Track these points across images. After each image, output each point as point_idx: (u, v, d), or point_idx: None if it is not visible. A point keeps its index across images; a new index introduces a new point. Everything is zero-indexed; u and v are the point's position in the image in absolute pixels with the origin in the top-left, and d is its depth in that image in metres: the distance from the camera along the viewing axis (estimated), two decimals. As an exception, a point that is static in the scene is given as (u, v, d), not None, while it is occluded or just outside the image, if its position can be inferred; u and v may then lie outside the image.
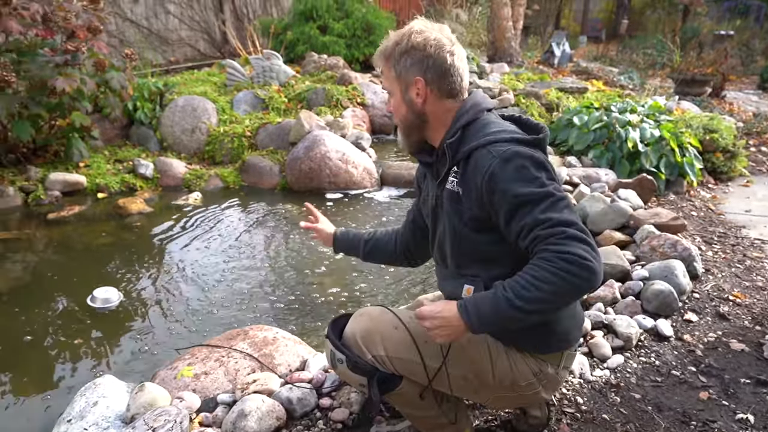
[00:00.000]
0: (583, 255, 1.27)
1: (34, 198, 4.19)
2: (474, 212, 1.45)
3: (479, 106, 1.52)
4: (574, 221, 1.33)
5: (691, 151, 4.47)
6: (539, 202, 1.34)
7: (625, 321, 2.37)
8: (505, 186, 1.36)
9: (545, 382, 1.57)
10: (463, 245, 1.51)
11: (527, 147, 1.41)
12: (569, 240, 1.29)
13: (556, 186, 1.39)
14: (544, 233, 1.32)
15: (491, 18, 9.59)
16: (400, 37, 1.51)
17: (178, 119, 5.33)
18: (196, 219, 3.99)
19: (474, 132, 1.48)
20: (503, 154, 1.38)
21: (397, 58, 1.51)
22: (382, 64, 1.57)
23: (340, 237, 2.02)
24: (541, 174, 1.37)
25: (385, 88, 1.61)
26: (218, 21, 9.61)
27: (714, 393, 2.06)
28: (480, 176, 1.39)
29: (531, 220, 1.33)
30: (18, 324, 2.67)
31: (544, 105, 6.14)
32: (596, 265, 1.28)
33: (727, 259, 3.15)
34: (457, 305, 1.37)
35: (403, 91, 1.53)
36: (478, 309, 1.34)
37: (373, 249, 1.98)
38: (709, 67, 8.22)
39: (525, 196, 1.34)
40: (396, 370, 1.50)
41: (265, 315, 2.78)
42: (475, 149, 1.43)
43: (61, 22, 4.25)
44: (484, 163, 1.39)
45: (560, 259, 1.27)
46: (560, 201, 1.35)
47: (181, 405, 1.81)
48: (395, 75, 1.53)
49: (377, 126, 6.18)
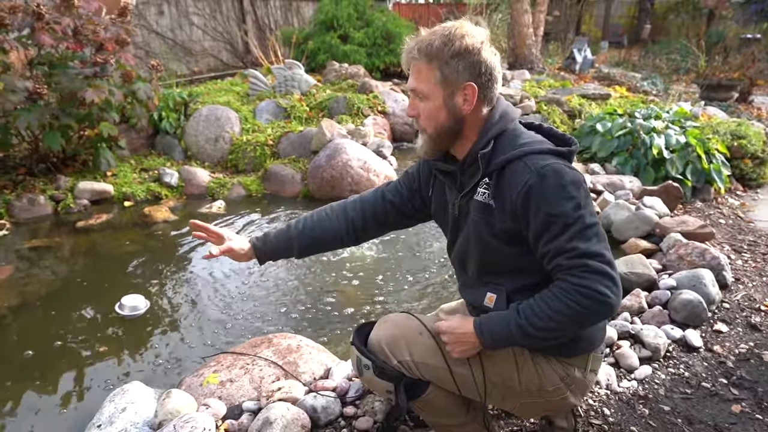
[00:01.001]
0: (602, 291, 1.27)
1: (64, 206, 4.29)
2: (507, 225, 1.42)
3: (508, 115, 1.47)
4: (599, 252, 1.30)
5: (718, 158, 4.39)
6: (569, 227, 1.31)
7: (652, 331, 2.33)
8: (539, 202, 1.33)
9: (573, 386, 1.54)
10: (492, 256, 1.49)
11: (563, 160, 1.39)
12: (590, 274, 1.28)
13: (591, 209, 1.36)
14: (567, 263, 1.31)
15: (511, 25, 9.57)
16: (448, 38, 1.38)
17: (202, 128, 5.41)
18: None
19: (506, 143, 1.43)
20: (541, 169, 1.34)
21: (446, 59, 1.38)
22: (421, 63, 1.41)
23: (260, 246, 1.78)
24: (578, 193, 1.33)
25: (417, 90, 1.45)
26: (241, 31, 9.76)
27: (747, 406, 2.01)
28: (516, 189, 1.36)
29: (556, 246, 1.32)
30: (48, 330, 2.73)
31: (567, 112, 6.09)
32: (614, 301, 1.28)
33: (757, 268, 3.08)
34: (473, 323, 1.42)
35: (447, 95, 1.41)
36: (492, 330, 1.39)
37: (310, 245, 1.77)
38: (735, 71, 8.08)
39: (557, 216, 1.32)
40: (422, 376, 1.50)
41: (288, 322, 2.80)
42: (511, 161, 1.39)
43: (90, 35, 4.35)
44: (522, 176, 1.35)
45: (578, 293, 1.28)
46: (590, 228, 1.32)
47: (207, 412, 1.82)
48: (440, 77, 1.39)
49: (398, 134, 6.20)
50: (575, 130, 5.49)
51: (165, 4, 8.44)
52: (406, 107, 6.23)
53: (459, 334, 1.44)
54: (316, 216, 1.79)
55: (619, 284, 1.30)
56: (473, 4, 11.93)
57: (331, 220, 1.76)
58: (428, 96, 1.43)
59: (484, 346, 1.43)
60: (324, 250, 1.86)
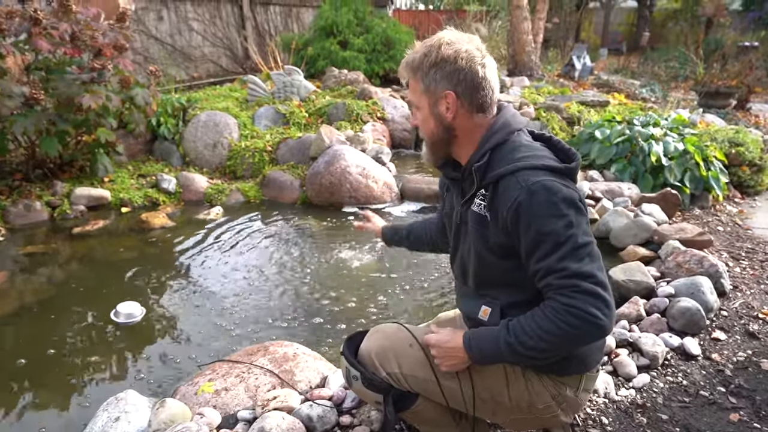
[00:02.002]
0: (592, 312, 1.24)
1: (60, 212, 4.28)
2: (500, 239, 1.40)
3: (509, 126, 1.45)
4: (591, 273, 1.27)
5: (716, 165, 4.39)
6: (560, 246, 1.28)
7: (650, 339, 2.32)
8: (529, 219, 1.31)
9: (564, 405, 1.53)
10: (487, 269, 1.48)
11: (558, 177, 1.35)
12: (581, 294, 1.26)
13: (584, 228, 1.33)
14: (557, 283, 1.29)
15: (511, 32, 9.60)
16: (428, 49, 1.42)
17: (200, 134, 5.41)
18: (217, 233, 4.03)
19: (503, 155, 1.41)
20: (532, 185, 1.31)
21: (425, 70, 1.43)
22: (409, 76, 1.49)
23: (388, 234, 2.10)
24: (569, 212, 1.30)
25: (411, 101, 1.53)
26: (240, 37, 9.78)
27: (745, 415, 1.99)
28: (506, 205, 1.34)
29: (547, 266, 1.30)
30: (42, 337, 2.71)
31: (565, 119, 6.10)
32: (605, 322, 1.26)
33: (755, 276, 3.07)
34: (462, 337, 1.41)
35: (431, 104, 1.45)
36: (481, 346, 1.38)
37: (414, 242, 2.04)
38: (733, 79, 8.10)
39: (547, 234, 1.29)
40: (411, 388, 1.50)
41: (285, 330, 2.78)
42: (504, 176, 1.37)
43: (88, 40, 4.36)
44: (512, 192, 1.33)
45: (568, 314, 1.26)
46: (582, 248, 1.29)
47: (201, 421, 1.81)
48: (423, 88, 1.45)
49: (397, 140, 6.20)
50: (574, 137, 5.49)
51: (164, 10, 8.45)
52: (405, 114, 6.30)
53: (448, 348, 1.43)
54: (419, 227, 2.03)
55: (611, 306, 1.27)
56: (473, 11, 11.97)
57: (423, 229, 2.00)
58: (419, 106, 1.50)
59: (472, 361, 1.41)
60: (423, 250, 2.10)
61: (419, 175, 5.17)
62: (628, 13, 20.70)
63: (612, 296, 1.29)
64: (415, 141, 6.32)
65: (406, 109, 6.41)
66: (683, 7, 18.76)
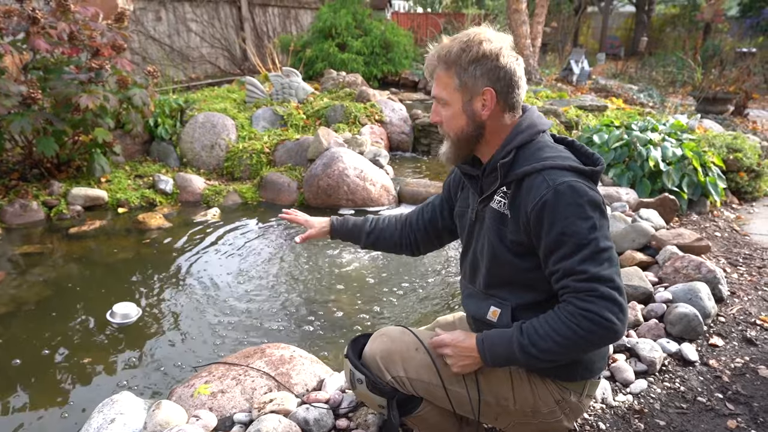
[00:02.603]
0: (607, 317, 1.25)
1: (57, 212, 4.26)
2: (519, 237, 1.40)
3: (535, 127, 1.44)
4: (609, 277, 1.28)
5: (714, 171, 4.40)
6: (581, 248, 1.29)
7: (648, 344, 2.32)
8: (553, 219, 1.30)
9: (567, 410, 1.53)
10: (501, 267, 1.47)
11: (584, 179, 1.35)
12: (598, 299, 1.26)
13: (606, 232, 1.33)
14: (575, 285, 1.29)
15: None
16: (467, 44, 1.39)
17: (198, 135, 5.40)
18: (214, 235, 4.02)
19: (529, 154, 1.40)
20: (559, 185, 1.31)
21: (464, 65, 1.39)
22: (441, 70, 1.43)
23: (337, 226, 1.94)
24: (594, 214, 1.31)
25: (439, 96, 1.46)
26: (239, 39, 9.77)
27: (742, 422, 1.99)
28: (531, 203, 1.33)
29: (566, 267, 1.30)
30: (38, 338, 2.70)
31: (564, 123, 6.11)
32: (619, 328, 1.26)
33: (753, 282, 3.07)
34: (475, 338, 1.41)
35: (465, 101, 1.42)
36: (493, 348, 1.38)
37: (375, 241, 1.92)
38: (731, 84, 8.12)
39: (570, 236, 1.29)
40: (416, 392, 1.48)
41: (281, 332, 2.77)
42: (530, 174, 1.36)
43: (86, 40, 4.35)
44: (539, 191, 1.33)
45: (584, 317, 1.26)
46: (603, 252, 1.29)
47: (197, 424, 1.80)
48: (458, 83, 1.41)
49: (395, 143, 6.20)
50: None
51: (163, 11, 8.44)
52: (403, 117, 6.30)
53: (462, 348, 1.42)
54: (387, 222, 1.92)
55: (626, 311, 1.28)
56: (471, 14, 11.99)
57: (394, 231, 1.89)
58: (449, 102, 1.44)
59: (484, 363, 1.41)
60: (382, 250, 1.99)
61: (417, 178, 5.17)
62: (627, 18, 20.81)
63: (626, 301, 1.30)
64: (413, 144, 6.32)
65: (404, 112, 6.41)
66: (681, 13, 18.88)
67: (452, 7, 17.04)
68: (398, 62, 8.98)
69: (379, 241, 1.92)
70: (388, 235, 1.90)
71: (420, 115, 6.45)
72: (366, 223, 1.93)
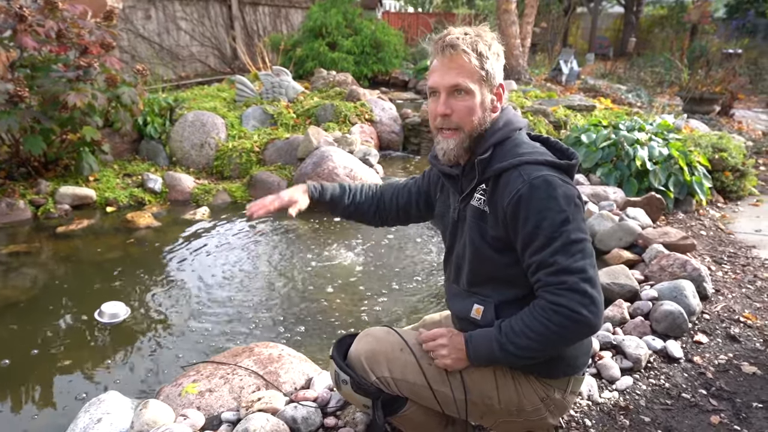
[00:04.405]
0: (577, 310, 1.26)
1: (44, 211, 4.23)
2: (498, 233, 1.41)
3: (512, 124, 1.46)
4: (580, 269, 1.28)
5: (700, 170, 4.45)
6: (553, 240, 1.30)
7: (634, 342, 2.34)
8: (528, 213, 1.32)
9: (552, 407, 1.54)
10: (483, 264, 1.48)
11: (559, 173, 1.37)
12: (567, 292, 1.27)
13: (581, 225, 1.33)
14: (545, 279, 1.31)
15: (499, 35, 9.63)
16: (485, 38, 1.40)
17: (187, 134, 5.38)
18: (203, 234, 4.01)
19: (506, 151, 1.42)
20: (534, 179, 1.32)
21: (491, 57, 1.39)
22: (471, 57, 1.37)
23: (318, 198, 1.86)
24: (568, 207, 1.31)
25: (459, 85, 1.39)
26: (229, 37, 9.74)
27: (725, 417, 2.02)
28: (507, 198, 1.35)
29: (539, 260, 1.31)
30: (25, 337, 2.68)
31: (552, 123, 6.14)
32: (590, 320, 1.27)
33: (737, 280, 3.11)
34: (464, 336, 1.43)
35: (485, 92, 1.42)
36: (476, 346, 1.40)
37: (350, 214, 1.92)
38: (717, 85, 8.21)
39: (543, 228, 1.30)
40: (401, 393, 1.49)
41: (270, 331, 2.77)
42: (507, 170, 1.38)
43: (74, 38, 4.31)
44: (514, 185, 1.34)
45: (554, 312, 1.28)
46: (574, 244, 1.30)
47: (185, 423, 1.79)
48: (485, 75, 1.39)
49: (385, 142, 6.20)
50: (561, 140, 5.53)
51: (152, 9, 8.39)
52: (393, 116, 6.30)
53: (457, 341, 1.44)
54: (363, 194, 1.91)
55: (598, 302, 1.28)
56: (462, 14, 12.02)
57: (369, 207, 1.90)
58: (470, 92, 1.40)
59: (469, 361, 1.42)
60: (359, 222, 1.98)
61: (407, 177, 5.17)
62: (615, 18, 20.94)
63: (601, 293, 1.31)
64: (403, 143, 6.33)
65: (394, 111, 6.42)
66: (669, 14, 19.04)
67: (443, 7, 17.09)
68: (388, 62, 8.99)
69: (353, 215, 1.93)
70: (364, 210, 1.91)
71: (410, 114, 6.46)
72: (344, 196, 1.89)
